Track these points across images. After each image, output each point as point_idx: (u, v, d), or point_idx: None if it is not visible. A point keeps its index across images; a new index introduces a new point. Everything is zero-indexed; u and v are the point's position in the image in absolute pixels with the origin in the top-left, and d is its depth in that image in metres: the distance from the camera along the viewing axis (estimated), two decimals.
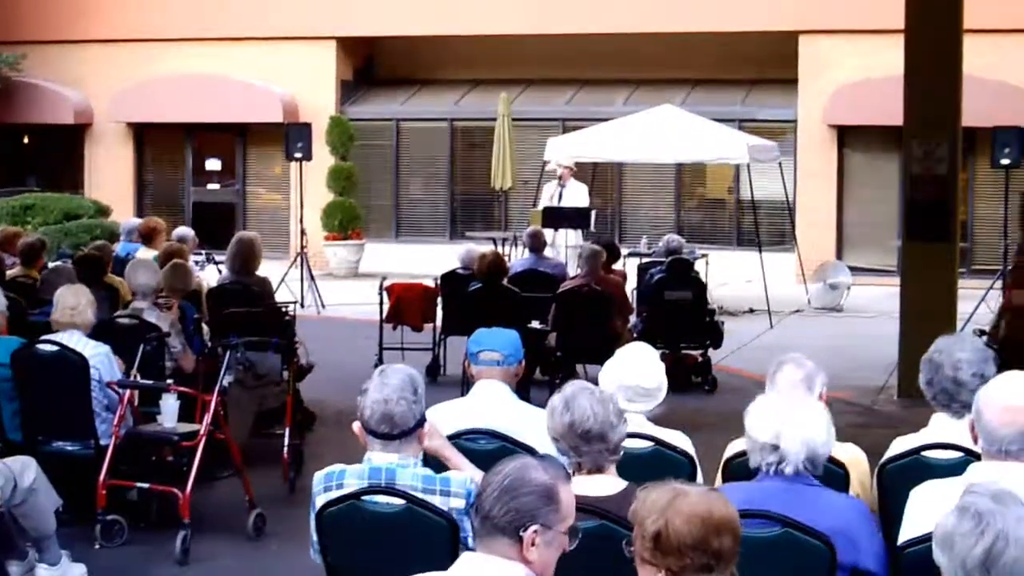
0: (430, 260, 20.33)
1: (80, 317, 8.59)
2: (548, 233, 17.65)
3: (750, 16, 23.28)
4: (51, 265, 12.97)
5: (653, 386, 6.03)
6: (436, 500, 4.75)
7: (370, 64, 26.92)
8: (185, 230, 14.75)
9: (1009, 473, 4.46)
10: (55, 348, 8.45)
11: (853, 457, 5.55)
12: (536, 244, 14.80)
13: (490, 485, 3.82)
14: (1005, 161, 18.13)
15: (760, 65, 23.90)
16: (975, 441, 4.74)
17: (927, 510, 4.53)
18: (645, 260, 16.66)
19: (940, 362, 5.64)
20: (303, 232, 20.78)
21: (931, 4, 13.28)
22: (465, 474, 4.90)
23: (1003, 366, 5.28)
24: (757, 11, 23.24)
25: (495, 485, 3.80)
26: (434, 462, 5.11)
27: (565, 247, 18.08)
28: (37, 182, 26.17)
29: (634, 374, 6.00)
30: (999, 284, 17.67)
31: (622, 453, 4.98)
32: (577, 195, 18.98)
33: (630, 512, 3.68)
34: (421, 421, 4.90)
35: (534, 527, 3.75)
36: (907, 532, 4.64)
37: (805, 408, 4.84)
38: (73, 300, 8.65)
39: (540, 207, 18.59)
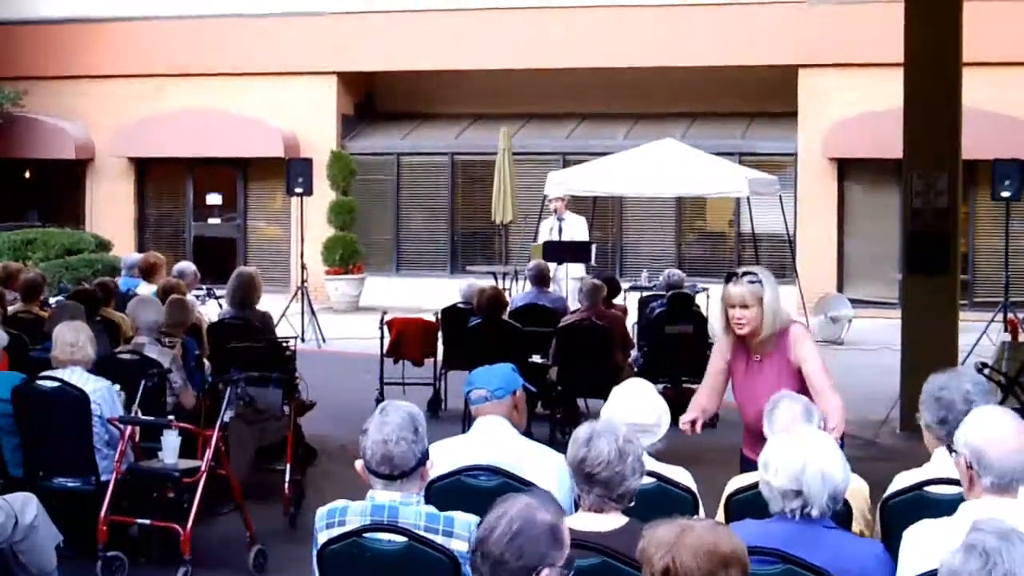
0: (431, 294, 20.36)
1: (80, 353, 8.58)
2: (551, 267, 17.65)
3: (750, 50, 23.35)
4: (52, 301, 12.95)
5: (651, 422, 6.00)
6: (438, 539, 4.73)
7: (371, 99, 26.99)
8: (185, 265, 14.70)
9: (1007, 509, 4.45)
10: (56, 384, 8.45)
11: (853, 487, 5.53)
12: (540, 278, 14.75)
13: (496, 529, 3.76)
14: (1005, 194, 18.15)
15: (760, 99, 23.95)
16: (970, 482, 4.67)
17: (921, 550, 4.53)
18: (646, 294, 16.65)
19: (951, 399, 5.58)
20: (304, 266, 20.78)
21: (931, 37, 13.31)
22: (470, 516, 4.79)
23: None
24: (757, 45, 23.31)
25: (503, 529, 3.74)
26: (436, 500, 5.08)
27: (567, 279, 18.07)
28: (38, 216, 26.20)
29: (629, 411, 5.97)
30: (1000, 316, 17.67)
31: (630, 500, 4.91)
32: (576, 228, 18.97)
33: (637, 550, 3.66)
34: (422, 459, 4.87)
35: (546, 571, 3.74)
36: (903, 573, 4.63)
37: (817, 446, 4.76)
38: (72, 336, 8.64)
39: (540, 242, 18.55)
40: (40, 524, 7.35)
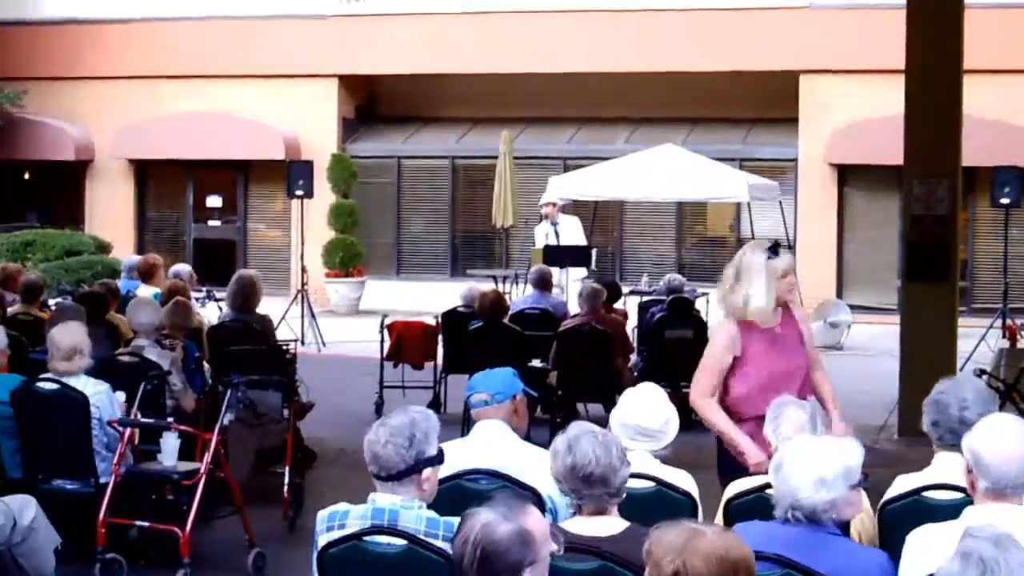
0: (431, 297, 20.33)
1: (77, 365, 8.44)
2: (555, 273, 17.64)
3: (751, 56, 23.36)
4: (52, 303, 12.94)
5: (655, 427, 6.00)
6: (437, 544, 4.71)
7: (372, 102, 26.99)
8: (181, 267, 14.65)
9: (1007, 515, 4.47)
10: (55, 386, 8.43)
11: None
12: (541, 282, 14.72)
13: (464, 556, 3.76)
14: (1005, 200, 18.21)
15: (761, 104, 23.96)
16: (971, 486, 4.71)
17: (925, 553, 4.53)
18: (646, 299, 16.63)
19: (947, 403, 5.62)
20: (304, 269, 20.77)
21: (931, 44, 13.31)
22: None
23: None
24: (758, 51, 23.32)
25: (469, 558, 3.74)
26: (435, 504, 5.08)
27: (567, 282, 18.04)
28: (38, 218, 26.21)
29: (635, 414, 5.98)
30: (999, 323, 17.69)
31: (625, 494, 4.95)
32: (572, 230, 18.92)
33: (643, 552, 3.66)
34: (416, 466, 4.82)
35: (528, 571, 3.74)
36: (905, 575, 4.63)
37: (806, 456, 4.71)
38: (69, 344, 8.52)
39: (540, 247, 18.55)
40: (39, 526, 7.35)
